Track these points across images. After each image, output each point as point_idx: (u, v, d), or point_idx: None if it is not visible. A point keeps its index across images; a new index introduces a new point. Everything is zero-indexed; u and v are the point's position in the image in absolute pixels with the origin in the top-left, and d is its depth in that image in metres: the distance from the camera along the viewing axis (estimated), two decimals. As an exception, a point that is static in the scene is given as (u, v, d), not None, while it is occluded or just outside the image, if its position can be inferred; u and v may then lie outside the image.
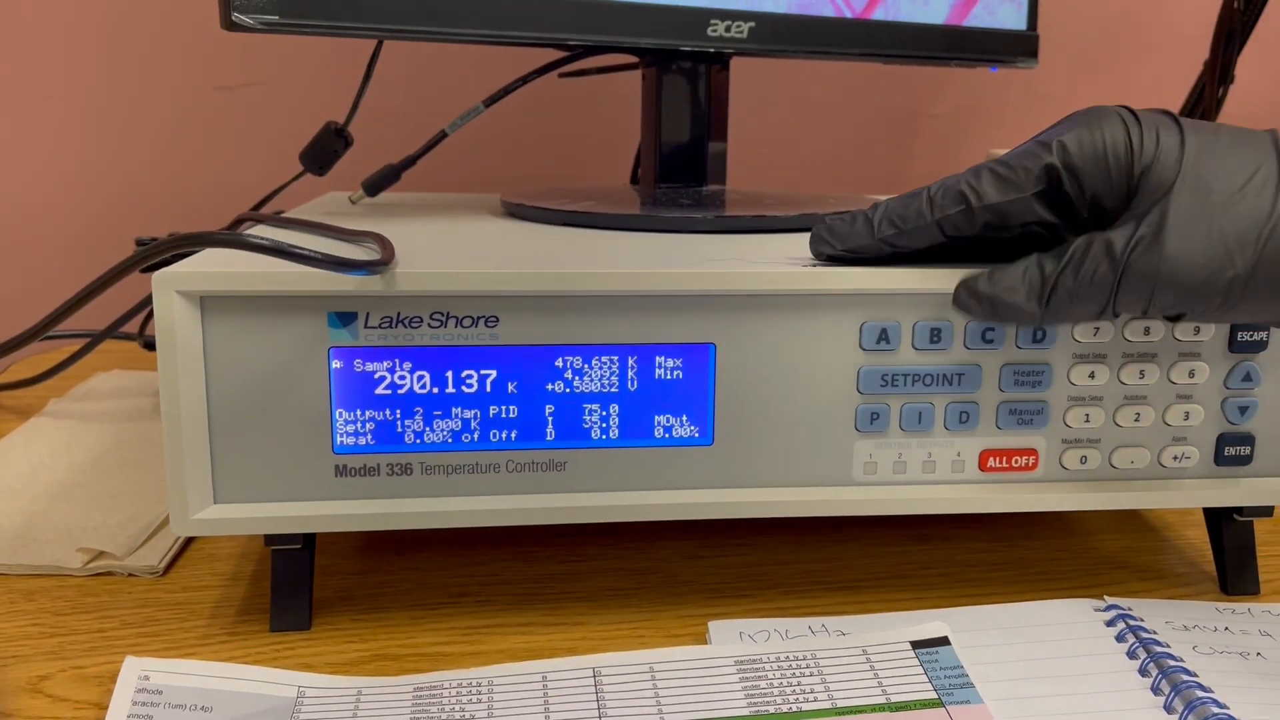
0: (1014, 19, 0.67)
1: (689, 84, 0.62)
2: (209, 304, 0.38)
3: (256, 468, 0.40)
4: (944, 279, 0.41)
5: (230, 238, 0.34)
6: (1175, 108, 0.89)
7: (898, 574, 0.48)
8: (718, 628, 0.42)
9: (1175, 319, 0.39)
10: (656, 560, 0.49)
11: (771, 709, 0.37)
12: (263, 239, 0.35)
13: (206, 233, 0.34)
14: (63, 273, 0.87)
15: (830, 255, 0.42)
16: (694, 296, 0.40)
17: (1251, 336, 0.43)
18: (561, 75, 0.66)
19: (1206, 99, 0.84)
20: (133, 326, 0.65)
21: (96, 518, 0.50)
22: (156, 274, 0.37)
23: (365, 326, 0.39)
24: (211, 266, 0.38)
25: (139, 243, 0.55)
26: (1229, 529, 0.47)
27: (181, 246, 0.34)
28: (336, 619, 0.44)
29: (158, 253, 0.34)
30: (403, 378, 0.40)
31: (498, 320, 0.40)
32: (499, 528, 0.51)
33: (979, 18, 0.65)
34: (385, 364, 0.40)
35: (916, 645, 0.41)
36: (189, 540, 0.50)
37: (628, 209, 0.55)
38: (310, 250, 0.36)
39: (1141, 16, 0.98)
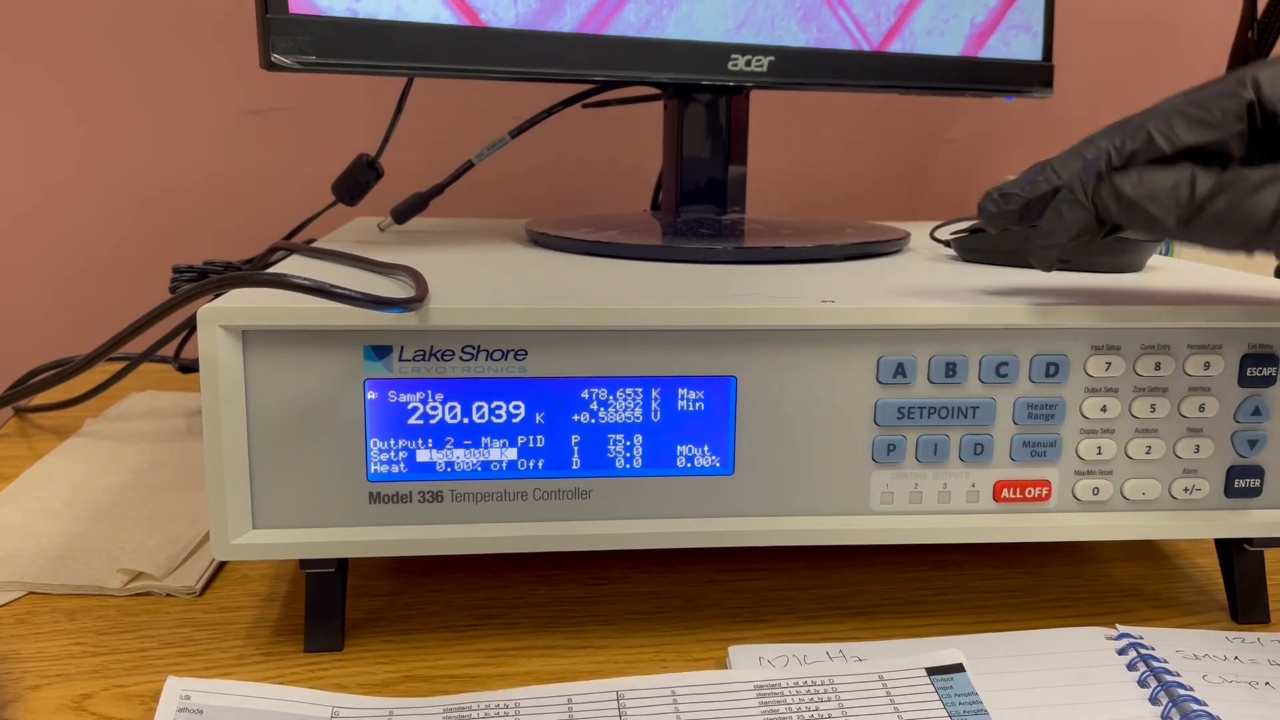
0: (1029, 50, 0.68)
1: (710, 114, 0.64)
2: (251, 338, 0.40)
3: (294, 495, 0.41)
4: (958, 315, 0.42)
5: (274, 278, 0.35)
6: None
7: (913, 600, 0.49)
8: (737, 653, 0.44)
9: None
10: (677, 584, 0.50)
11: (790, 733, 0.39)
12: (305, 279, 0.37)
13: (252, 273, 0.35)
14: (94, 292, 0.90)
15: (998, 214, 0.41)
16: (716, 331, 0.42)
17: (1261, 372, 0.44)
18: (585, 106, 0.68)
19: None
20: (168, 350, 0.67)
21: (135, 538, 0.51)
22: (201, 309, 0.39)
23: (399, 359, 0.41)
24: (254, 302, 0.40)
25: (175, 270, 0.57)
26: (1240, 559, 0.47)
27: (228, 286, 0.36)
28: (368, 640, 0.45)
29: (208, 290, 0.36)
30: (435, 409, 0.41)
31: (526, 353, 0.41)
32: (525, 552, 0.52)
33: (994, 49, 0.67)
34: (418, 395, 0.41)
35: (932, 672, 0.42)
36: (224, 561, 0.51)
37: (649, 239, 0.57)
38: (349, 290, 0.38)
39: (1158, 42, 0.99)
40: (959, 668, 0.42)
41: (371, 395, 0.41)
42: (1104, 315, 0.42)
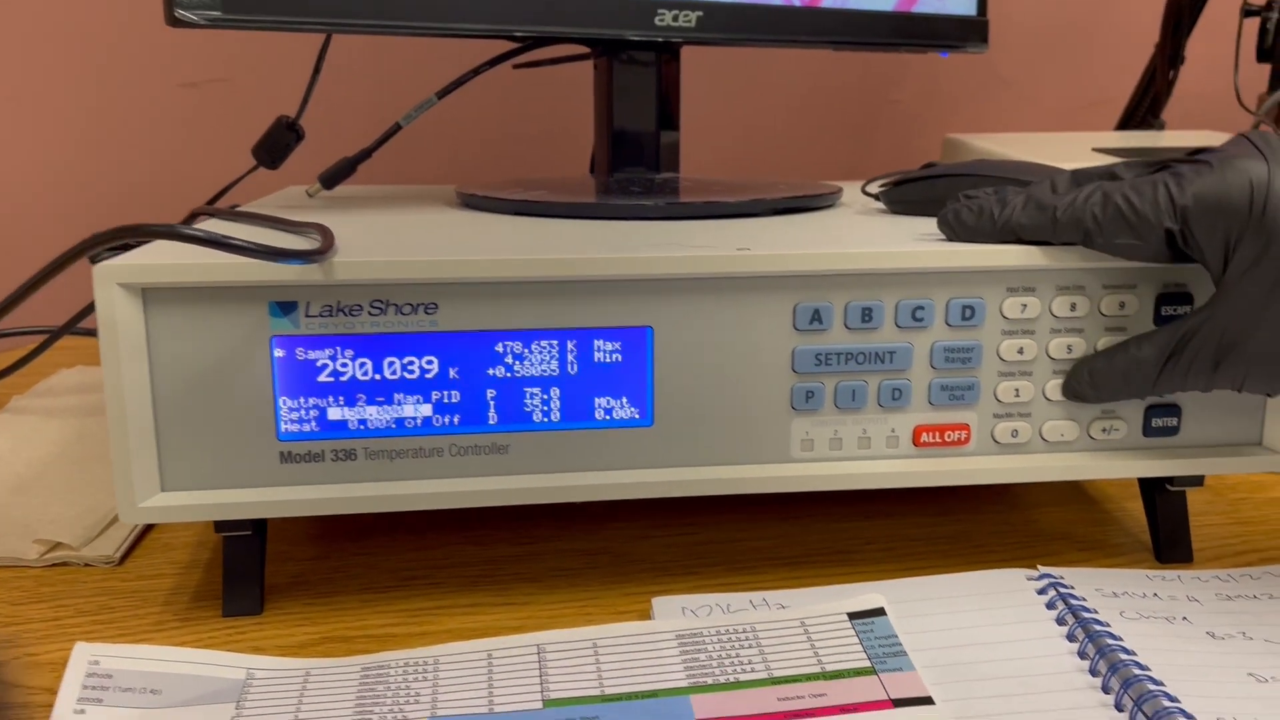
0: (963, 4, 0.68)
1: (639, 74, 0.63)
2: (151, 296, 0.39)
3: (203, 456, 0.41)
4: (873, 260, 0.42)
5: (167, 229, 0.35)
6: (1129, 89, 0.90)
7: (842, 549, 0.49)
8: (661, 603, 0.43)
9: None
10: (607, 541, 0.50)
11: (709, 680, 0.39)
12: (199, 231, 0.36)
13: (143, 224, 0.34)
14: (27, 269, 0.88)
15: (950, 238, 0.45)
16: (630, 281, 0.41)
17: (1176, 310, 0.44)
18: (515, 67, 0.67)
19: (1158, 80, 0.85)
20: (94, 323, 0.66)
21: (55, 510, 0.51)
22: (97, 266, 0.38)
23: (306, 315, 0.40)
24: (154, 258, 0.39)
25: (94, 237, 0.56)
26: (1162, 500, 0.48)
27: (117, 239, 0.35)
28: (288, 604, 0.44)
29: (94, 245, 0.35)
30: (345, 365, 0.41)
31: (437, 307, 0.41)
32: (453, 514, 0.52)
33: (928, 3, 0.66)
34: (327, 352, 0.41)
35: (853, 616, 0.42)
36: (146, 530, 0.51)
37: (579, 197, 0.56)
38: (246, 241, 0.37)
39: (1097, 1, 0.99)
40: (880, 611, 0.42)
41: (279, 353, 0.40)
42: (1018, 256, 0.42)
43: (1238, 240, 0.39)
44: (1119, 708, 0.37)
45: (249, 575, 0.43)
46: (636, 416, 0.43)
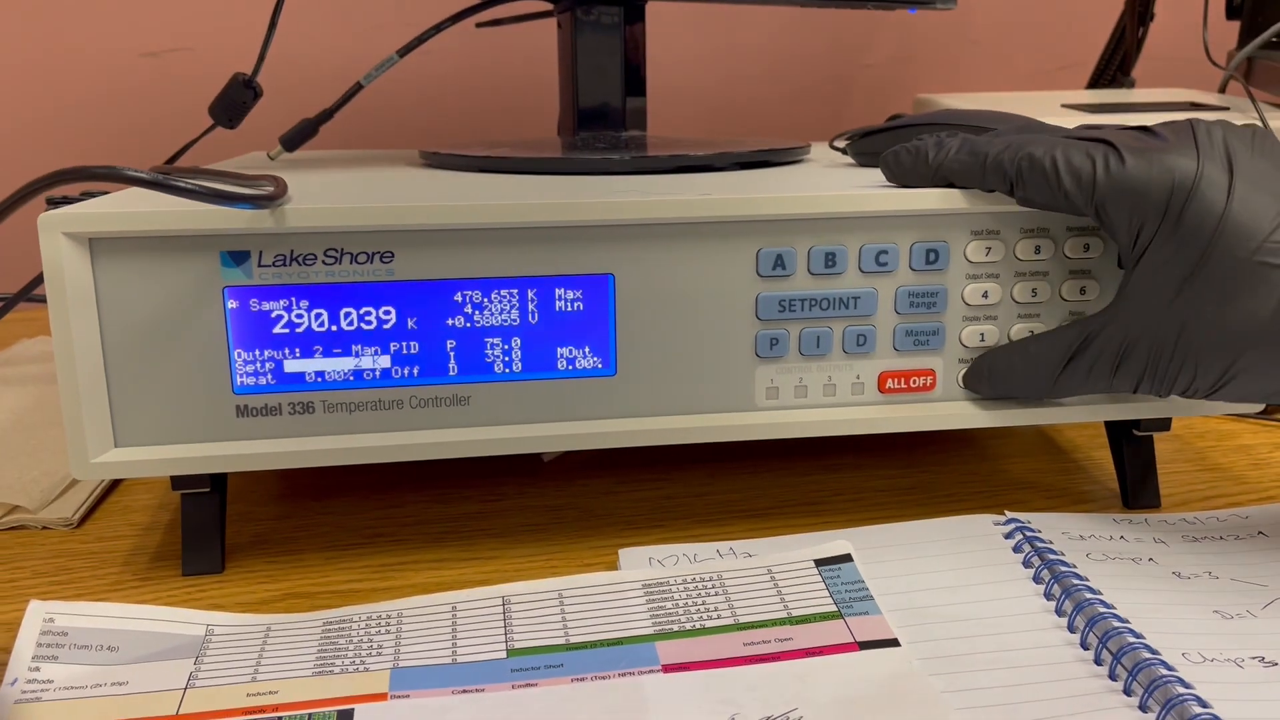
0: (931, -40, 0.67)
1: (604, 31, 0.62)
2: (98, 246, 0.38)
3: (157, 410, 0.40)
4: (836, 203, 0.41)
5: (107, 170, 0.34)
6: (1099, 47, 0.90)
7: (809, 501, 0.49)
8: (628, 554, 0.43)
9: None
10: (574, 497, 0.50)
11: (675, 627, 0.38)
12: (144, 172, 0.35)
13: (82, 167, 0.33)
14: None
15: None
16: (591, 227, 0.41)
17: (1140, 252, 0.44)
18: (479, 26, 0.66)
19: (1128, 37, 0.85)
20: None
21: (11, 474, 0.50)
22: (42, 216, 0.37)
23: (259, 265, 0.39)
24: (100, 207, 0.38)
25: (49, 201, 0.54)
26: (1129, 445, 0.48)
27: (55, 182, 0.34)
28: (250, 562, 0.44)
29: (31, 191, 0.34)
30: (300, 316, 0.40)
31: (393, 256, 0.40)
32: (418, 472, 0.52)
33: (896, -42, 0.66)
34: (281, 303, 0.40)
35: (820, 563, 0.42)
36: (106, 494, 0.50)
37: (544, 153, 0.55)
38: (193, 183, 0.36)
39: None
40: (847, 558, 0.42)
41: (232, 304, 0.39)
42: (982, 199, 0.42)
43: (1151, 238, 0.38)
44: (1084, 645, 0.37)
45: (209, 533, 0.43)
46: (599, 366, 0.42)
